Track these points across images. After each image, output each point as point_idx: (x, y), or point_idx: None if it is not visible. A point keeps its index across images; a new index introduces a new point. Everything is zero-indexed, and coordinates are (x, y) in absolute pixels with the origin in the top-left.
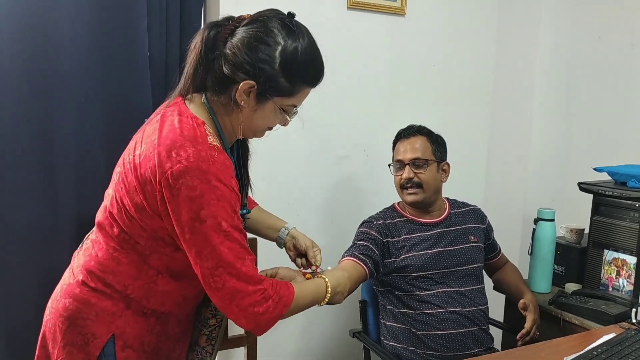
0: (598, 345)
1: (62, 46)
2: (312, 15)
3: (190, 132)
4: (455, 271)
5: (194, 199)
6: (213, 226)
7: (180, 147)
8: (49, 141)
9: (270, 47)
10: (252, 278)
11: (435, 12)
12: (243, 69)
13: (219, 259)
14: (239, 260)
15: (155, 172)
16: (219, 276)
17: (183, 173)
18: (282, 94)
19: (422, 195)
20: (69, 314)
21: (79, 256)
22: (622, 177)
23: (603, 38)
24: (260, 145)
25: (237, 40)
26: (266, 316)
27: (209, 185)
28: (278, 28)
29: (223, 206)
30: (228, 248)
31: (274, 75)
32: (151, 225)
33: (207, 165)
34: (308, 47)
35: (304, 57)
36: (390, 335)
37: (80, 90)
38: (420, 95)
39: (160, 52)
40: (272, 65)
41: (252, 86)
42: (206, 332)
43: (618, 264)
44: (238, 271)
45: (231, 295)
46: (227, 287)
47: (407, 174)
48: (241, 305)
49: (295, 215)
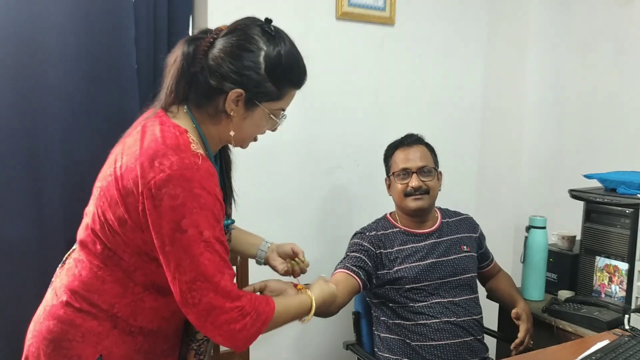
0: (592, 353)
1: (48, 57)
2: (302, 26)
3: (172, 140)
4: (449, 282)
5: (176, 208)
6: (194, 236)
7: (163, 155)
8: (35, 154)
9: (253, 54)
10: (231, 293)
11: (425, 22)
12: (229, 79)
13: (197, 271)
14: (218, 273)
15: (137, 182)
16: (197, 290)
17: (166, 182)
18: (270, 98)
19: (428, 201)
20: (54, 336)
21: (62, 276)
22: (612, 183)
23: (591, 46)
24: (252, 155)
25: (218, 51)
26: (243, 333)
27: (191, 193)
28: (258, 34)
29: (205, 215)
30: (208, 260)
31: (260, 80)
32: (134, 240)
33: (191, 173)
34: (290, 49)
35: (287, 59)
36: (384, 347)
37: (66, 101)
38: (410, 104)
39: (148, 63)
40: (257, 71)
41: (240, 94)
42: (194, 347)
43: (610, 270)
44: (216, 286)
45: (207, 311)
46: (204, 303)
47: (416, 182)
48: (217, 322)
49: (286, 225)
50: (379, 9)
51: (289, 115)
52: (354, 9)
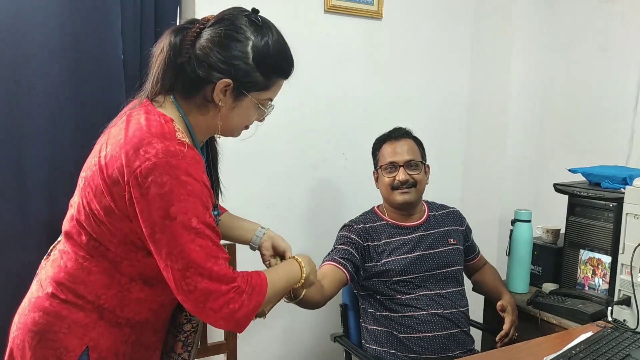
0: (576, 345)
1: (33, 49)
2: (290, 19)
3: (158, 128)
4: (436, 274)
5: (164, 195)
6: (183, 223)
7: (148, 144)
8: (20, 145)
9: (241, 43)
10: (225, 277)
11: (412, 15)
12: (217, 68)
13: (189, 259)
14: (211, 259)
15: (123, 171)
16: (190, 277)
17: (152, 170)
18: (258, 88)
19: (415, 195)
20: (39, 328)
21: (47, 267)
22: (596, 177)
23: (574, 42)
24: (239, 148)
25: (205, 41)
26: (243, 310)
27: (178, 180)
28: (246, 24)
29: (194, 202)
30: (199, 246)
31: (248, 70)
32: (121, 229)
33: (177, 161)
34: (278, 39)
35: (275, 49)
36: (371, 339)
37: (52, 93)
38: (397, 97)
39: (134, 54)
40: (245, 60)
41: (229, 84)
42: (182, 339)
43: (594, 263)
44: (210, 271)
45: (204, 297)
46: (199, 289)
47: (403, 176)
48: (215, 306)
49: (274, 218)
50: (367, 2)
51: (275, 108)
52: (342, 2)
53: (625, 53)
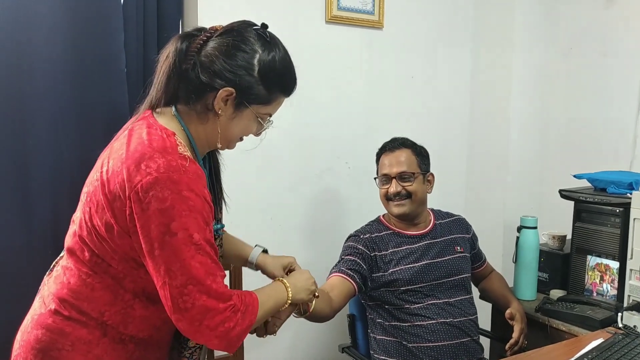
0: (588, 352)
1: (37, 61)
2: (292, 29)
3: (159, 143)
4: (444, 283)
5: (164, 211)
6: (184, 239)
7: (150, 158)
8: (23, 159)
9: (248, 55)
10: (223, 295)
11: (412, 25)
12: (221, 76)
13: (189, 275)
14: (210, 276)
15: (124, 186)
16: (189, 294)
17: (153, 185)
18: (260, 101)
19: (410, 206)
20: (42, 345)
21: (50, 284)
22: (602, 183)
23: (575, 49)
24: (242, 159)
25: (212, 49)
26: (237, 329)
27: (180, 195)
28: (254, 38)
29: (195, 217)
30: (199, 263)
31: (252, 82)
32: (122, 246)
33: (179, 176)
34: (284, 56)
35: (281, 65)
36: (380, 349)
37: (55, 105)
38: (399, 106)
39: (137, 66)
40: (250, 72)
41: (231, 93)
42: (187, 355)
43: (601, 269)
44: (209, 288)
45: (201, 314)
46: (197, 306)
47: (395, 188)
48: (212, 324)
49: (278, 228)
50: (368, 12)
51: (280, 117)
52: (343, 13)
53: (627, 58)
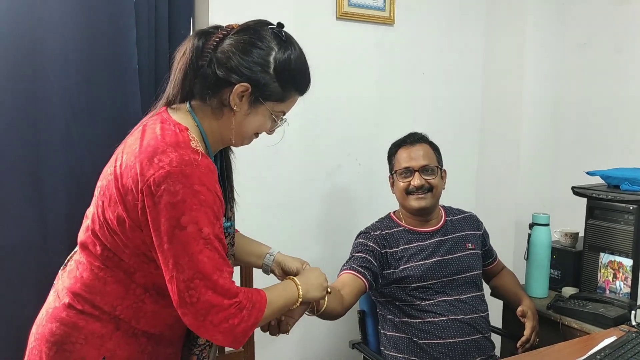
0: (601, 349)
1: (49, 60)
2: (302, 26)
3: (172, 137)
4: (455, 279)
5: (175, 204)
6: (193, 233)
7: (162, 152)
8: (37, 156)
9: (264, 52)
10: (229, 291)
11: (424, 21)
12: (238, 72)
13: (196, 269)
14: (217, 271)
15: (137, 180)
16: (195, 289)
17: (165, 178)
18: (274, 99)
19: (430, 200)
20: (56, 338)
21: (63, 278)
22: (615, 180)
23: (588, 45)
24: (252, 155)
25: (228, 46)
26: (242, 326)
27: (191, 189)
28: (270, 36)
29: (205, 212)
30: (207, 257)
31: (267, 79)
32: (133, 240)
33: (191, 169)
34: (300, 55)
35: (296, 64)
36: (391, 345)
37: (68, 104)
38: (410, 103)
39: (149, 64)
40: (266, 69)
41: (247, 89)
42: (196, 352)
43: (614, 266)
44: (215, 284)
45: (206, 309)
46: (202, 301)
47: (419, 181)
48: (215, 320)
49: (289, 225)
50: (379, 8)
51: (290, 114)
52: (354, 9)
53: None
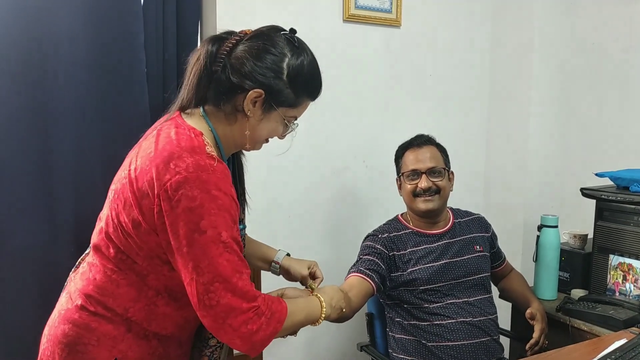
0: (611, 352)
1: (59, 63)
2: (309, 29)
3: (188, 142)
4: (463, 282)
5: (194, 209)
6: (213, 237)
7: (179, 157)
8: (46, 158)
9: (277, 58)
10: (248, 294)
11: (430, 22)
12: (251, 78)
13: (215, 272)
14: (236, 274)
15: (153, 185)
16: (214, 292)
17: (183, 184)
18: (287, 104)
19: (438, 202)
20: (69, 340)
21: (76, 280)
22: (624, 181)
23: (596, 45)
24: (259, 158)
25: (242, 52)
26: (260, 334)
27: (209, 195)
28: (283, 42)
29: (223, 216)
30: (227, 260)
31: (281, 85)
32: (147, 243)
33: (208, 175)
34: (312, 61)
35: (308, 70)
36: (399, 348)
37: (77, 107)
38: (417, 105)
39: (157, 68)
40: (279, 75)
41: (260, 95)
42: (207, 353)
43: (624, 268)
44: (234, 286)
45: (225, 313)
46: (222, 304)
47: (426, 183)
48: (235, 323)
49: (297, 227)
50: (386, 11)
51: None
52: (361, 12)
53: None
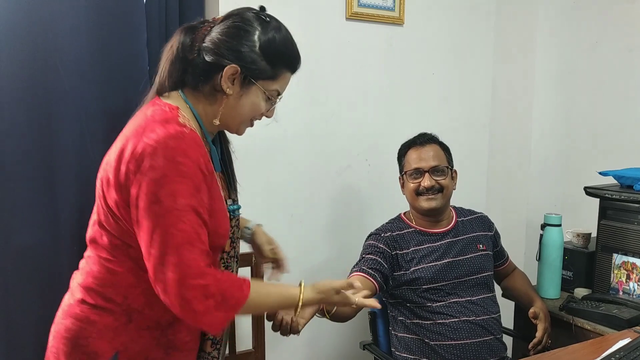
0: (615, 351)
1: (62, 62)
2: (312, 26)
3: (161, 115)
4: (466, 281)
5: (156, 180)
6: (168, 206)
7: (150, 129)
8: (49, 157)
9: (248, 33)
10: (192, 269)
11: (433, 21)
12: (225, 55)
13: (166, 243)
14: (187, 245)
15: (126, 159)
16: (164, 265)
17: (150, 153)
18: (265, 76)
19: (440, 201)
20: (71, 334)
21: (77, 276)
22: (628, 180)
23: (600, 43)
24: (260, 155)
25: (215, 33)
26: (208, 317)
27: (173, 162)
28: (253, 18)
29: (186, 183)
30: (178, 230)
31: (255, 58)
32: (131, 222)
33: (176, 142)
34: (283, 32)
35: (280, 40)
36: (402, 347)
37: (80, 105)
38: (419, 103)
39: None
40: (252, 48)
41: (236, 71)
42: (210, 337)
43: (628, 267)
44: (180, 257)
45: (172, 287)
46: (168, 278)
47: (429, 182)
48: (181, 301)
49: (299, 226)
50: (389, 9)
51: (299, 114)
52: (364, 9)
53: None
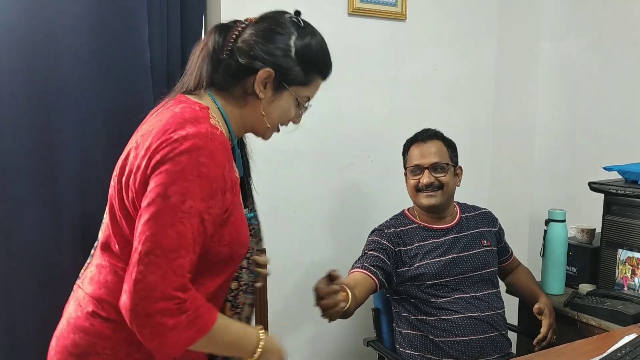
0: (620, 347)
1: (63, 58)
2: (314, 22)
3: (191, 114)
4: (470, 277)
5: (172, 172)
6: (174, 204)
7: (180, 127)
8: (51, 154)
9: (284, 37)
10: (176, 279)
11: (436, 16)
12: (260, 58)
13: (157, 243)
14: (181, 250)
15: (149, 155)
16: (146, 265)
17: (175, 148)
18: (298, 83)
19: (440, 198)
20: (80, 350)
21: (85, 285)
22: (633, 175)
23: (604, 38)
24: (265, 152)
25: (249, 35)
26: (175, 334)
27: (196, 161)
28: (289, 23)
29: (200, 185)
30: (176, 232)
31: (290, 63)
32: None
33: (204, 141)
34: (319, 38)
35: (317, 47)
36: (406, 343)
37: (81, 102)
38: (422, 99)
39: (161, 62)
40: (288, 53)
41: (270, 75)
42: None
43: (633, 263)
44: (168, 264)
45: (145, 292)
46: (147, 281)
47: (428, 179)
48: (149, 309)
49: (302, 223)
50: (391, 4)
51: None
52: (366, 5)
53: None
